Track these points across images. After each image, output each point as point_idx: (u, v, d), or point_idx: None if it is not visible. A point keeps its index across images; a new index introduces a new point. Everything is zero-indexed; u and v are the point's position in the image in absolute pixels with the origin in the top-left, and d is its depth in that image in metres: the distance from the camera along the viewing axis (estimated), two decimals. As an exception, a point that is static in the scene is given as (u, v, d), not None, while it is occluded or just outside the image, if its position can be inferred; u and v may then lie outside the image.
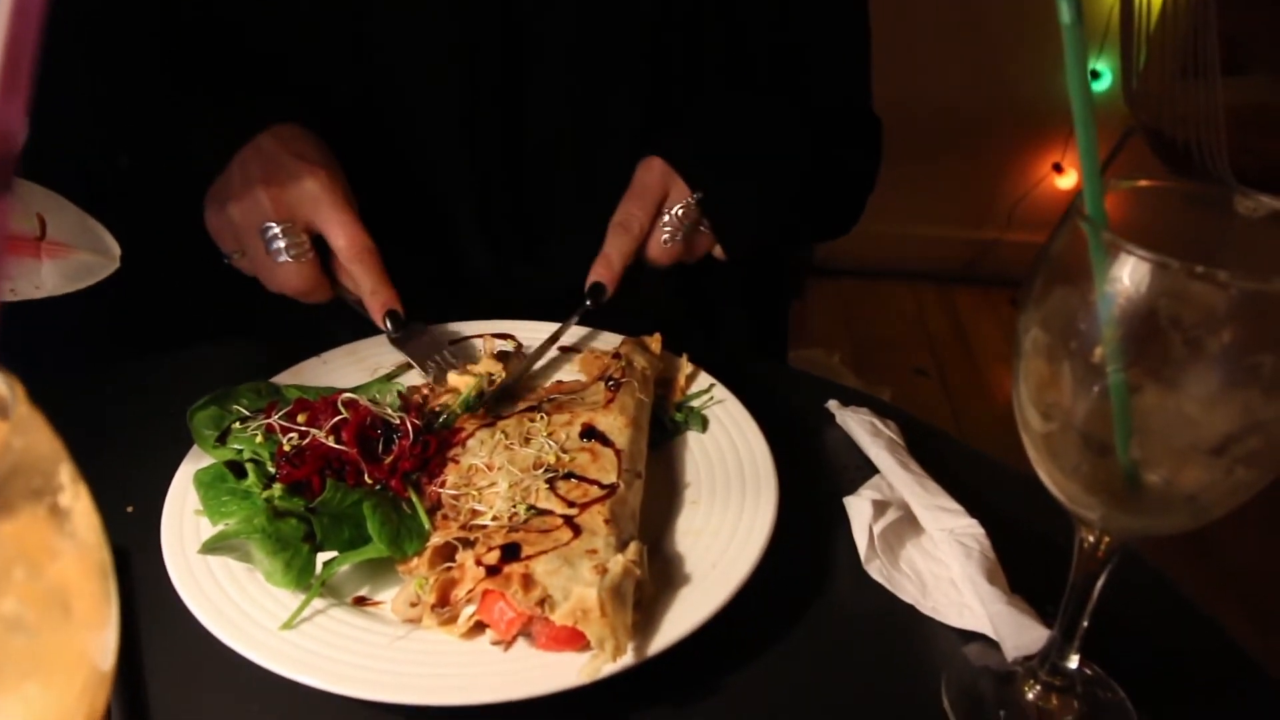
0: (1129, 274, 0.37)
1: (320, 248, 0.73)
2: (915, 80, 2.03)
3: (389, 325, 0.72)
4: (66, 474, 0.26)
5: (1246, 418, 0.40)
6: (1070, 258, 0.40)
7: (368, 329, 0.75)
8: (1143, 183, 0.42)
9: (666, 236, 0.79)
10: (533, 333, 0.75)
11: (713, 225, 0.81)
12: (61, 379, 0.76)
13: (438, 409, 0.64)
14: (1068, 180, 2.62)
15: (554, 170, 0.86)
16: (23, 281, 0.52)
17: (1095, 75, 2.47)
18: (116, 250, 0.56)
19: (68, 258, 0.53)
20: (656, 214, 0.80)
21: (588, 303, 0.76)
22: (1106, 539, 0.45)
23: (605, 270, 0.77)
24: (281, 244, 0.71)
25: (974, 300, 2.74)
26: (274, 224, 0.71)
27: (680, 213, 0.79)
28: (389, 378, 0.71)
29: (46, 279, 0.52)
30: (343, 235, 0.71)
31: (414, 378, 0.71)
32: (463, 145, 0.83)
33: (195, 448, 0.61)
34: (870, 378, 2.34)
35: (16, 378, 0.26)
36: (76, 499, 0.26)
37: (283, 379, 0.69)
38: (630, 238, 0.78)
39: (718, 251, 0.83)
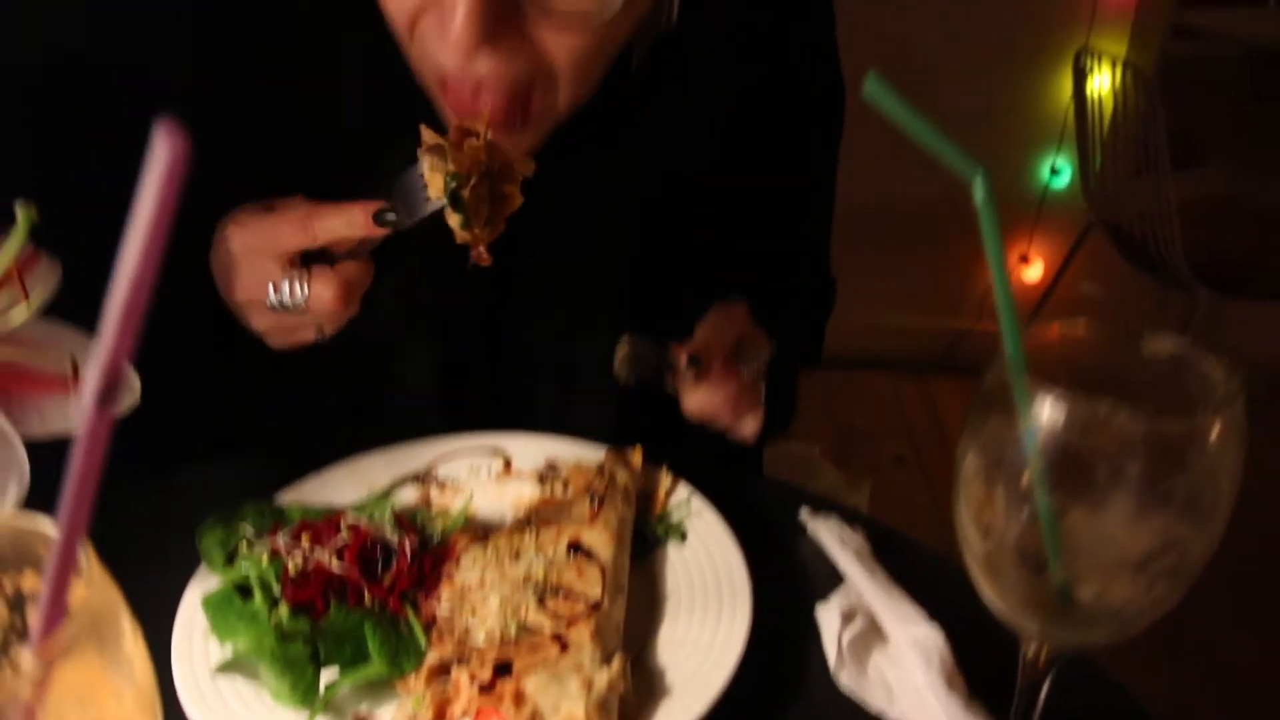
0: (1047, 412, 0.43)
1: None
2: (886, 178, 2.12)
3: (386, 219, 0.69)
4: (127, 623, 0.31)
5: (1164, 537, 0.45)
6: (999, 394, 0.46)
7: (359, 444, 0.79)
8: (1057, 328, 0.47)
9: (746, 371, 0.75)
10: (523, 445, 0.80)
11: (767, 389, 0.78)
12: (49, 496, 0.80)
13: (430, 530, 0.68)
14: (1035, 271, 2.71)
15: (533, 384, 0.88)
16: (53, 418, 0.56)
17: (1055, 172, 2.58)
18: (137, 384, 0.60)
19: (93, 397, 0.58)
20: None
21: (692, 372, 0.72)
22: (1046, 649, 0.49)
23: (705, 349, 0.73)
24: (290, 293, 0.69)
25: (949, 388, 2.81)
26: (271, 287, 0.69)
27: (759, 364, 0.77)
28: (385, 494, 0.75)
29: (76, 416, 0.57)
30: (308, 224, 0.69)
31: (408, 494, 0.75)
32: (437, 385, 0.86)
33: (202, 566, 0.65)
34: (852, 468, 2.38)
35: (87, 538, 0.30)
36: (135, 644, 0.31)
37: (285, 497, 0.73)
38: (728, 338, 0.75)
39: (747, 427, 0.78)
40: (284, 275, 0.69)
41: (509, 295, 0.85)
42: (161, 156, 0.19)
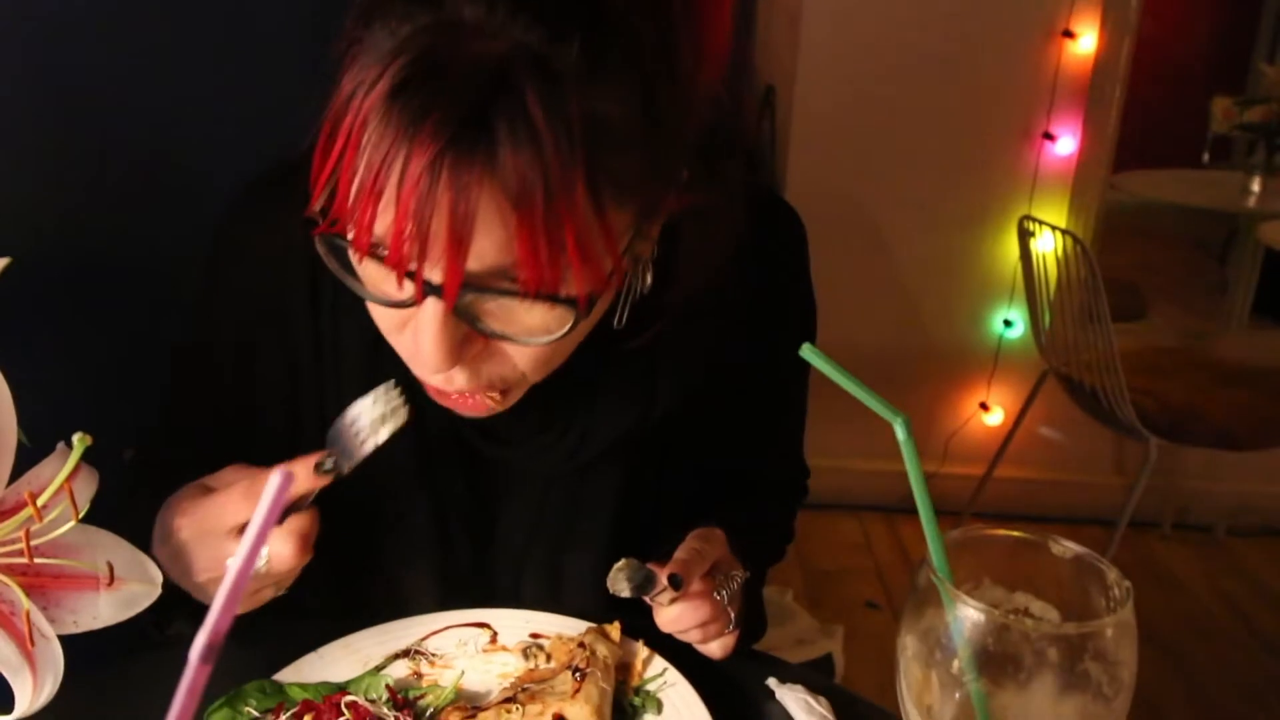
0: (969, 614, 0.50)
1: None
2: (850, 328, 2.20)
3: (326, 469, 0.70)
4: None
5: (1081, 715, 0.52)
6: (930, 592, 0.53)
7: (352, 623, 0.83)
8: (975, 533, 0.55)
9: (720, 596, 0.78)
10: (508, 619, 0.85)
11: (739, 612, 0.80)
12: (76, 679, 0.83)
13: (423, 705, 0.73)
14: (994, 418, 2.81)
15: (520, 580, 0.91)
16: (84, 614, 0.62)
17: (1009, 324, 2.71)
18: (159, 578, 0.66)
19: (122, 590, 0.63)
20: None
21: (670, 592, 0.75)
22: (984, 818, 0.55)
23: (684, 569, 0.75)
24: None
25: (918, 529, 2.84)
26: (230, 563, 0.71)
27: (734, 588, 0.79)
28: (378, 669, 0.79)
29: (103, 610, 0.62)
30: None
31: (400, 668, 0.80)
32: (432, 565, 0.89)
33: (207, 747, 0.69)
34: (824, 613, 2.41)
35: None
36: (195, 845, 0.36)
37: (285, 676, 0.77)
38: (705, 562, 0.77)
39: (717, 648, 0.80)
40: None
41: (499, 502, 0.89)
42: (275, 491, 0.26)
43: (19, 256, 0.68)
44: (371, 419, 0.72)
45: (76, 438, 0.56)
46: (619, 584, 0.76)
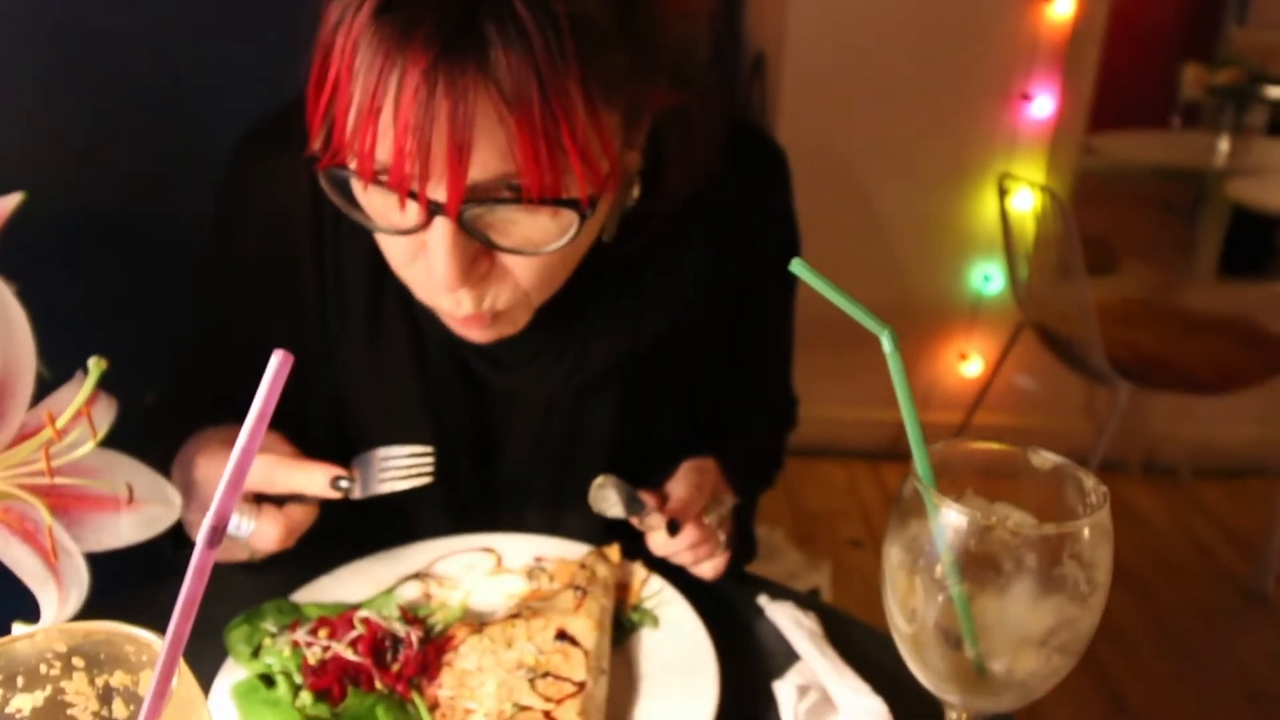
0: (952, 519, 0.49)
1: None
2: (836, 282, 2.21)
3: (340, 487, 0.71)
4: (205, 709, 0.36)
5: (1058, 617, 0.51)
6: (915, 501, 0.52)
7: (365, 547, 0.83)
8: (958, 446, 0.54)
9: (710, 520, 0.78)
10: (513, 543, 0.84)
11: (729, 535, 0.81)
12: (102, 600, 0.83)
13: (432, 622, 0.73)
14: (973, 367, 2.81)
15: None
16: (106, 534, 0.61)
17: (988, 278, 2.70)
18: (178, 500, 0.65)
19: (142, 511, 0.62)
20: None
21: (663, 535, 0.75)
22: (965, 715, 0.55)
23: (681, 513, 0.76)
24: (237, 526, 0.70)
25: (899, 473, 2.85)
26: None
27: (723, 512, 0.80)
28: (389, 590, 0.79)
29: (124, 530, 0.62)
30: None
31: (411, 590, 0.80)
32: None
33: (229, 660, 0.69)
34: (812, 551, 2.42)
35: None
36: (210, 729, 0.36)
37: (301, 596, 0.77)
38: (701, 498, 0.78)
39: (709, 569, 0.80)
40: (235, 509, 0.69)
41: (502, 428, 0.89)
42: (274, 370, 0.25)
43: (43, 198, 0.67)
44: (401, 467, 0.74)
45: (93, 361, 0.55)
46: (601, 502, 0.75)
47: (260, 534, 0.71)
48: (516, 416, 0.88)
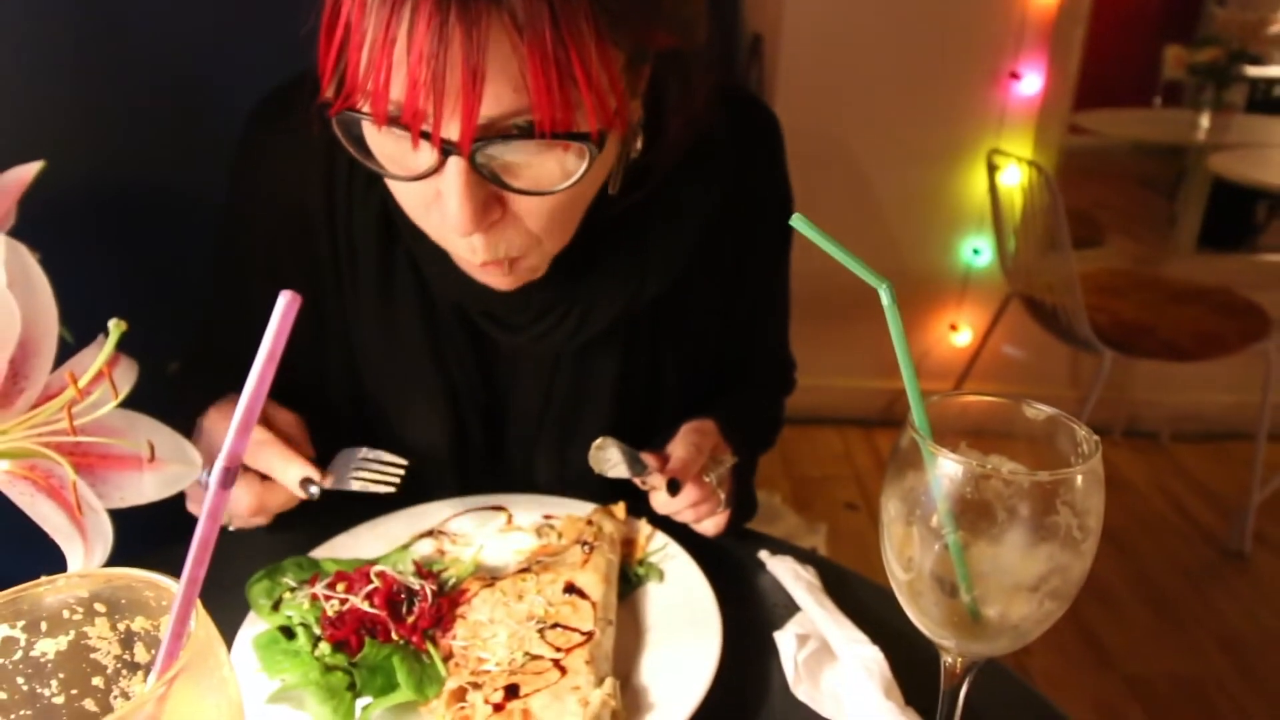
0: (948, 468, 0.48)
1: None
2: (829, 260, 2.20)
3: (309, 491, 0.71)
4: (222, 653, 0.35)
5: (1049, 563, 0.50)
6: (911, 453, 0.51)
7: (381, 506, 0.82)
8: (954, 399, 0.53)
9: (710, 479, 0.77)
10: (522, 502, 0.84)
11: (729, 493, 0.81)
12: (125, 556, 0.82)
13: (446, 576, 0.72)
14: (963, 337, 2.79)
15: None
16: (129, 491, 0.60)
17: (977, 251, 2.68)
18: (199, 459, 0.64)
19: (164, 470, 0.62)
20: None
21: (664, 495, 0.74)
22: (960, 659, 0.54)
23: (681, 473, 0.75)
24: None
25: (892, 439, 2.86)
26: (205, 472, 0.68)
27: (723, 471, 0.79)
28: (404, 547, 0.79)
29: (147, 488, 0.61)
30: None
31: (425, 546, 0.79)
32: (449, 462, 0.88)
33: (250, 613, 0.69)
34: (809, 514, 2.42)
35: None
36: (229, 670, 0.35)
37: (319, 553, 0.76)
38: (701, 458, 0.77)
39: (710, 526, 0.80)
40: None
41: (509, 386, 0.88)
42: (282, 310, 0.24)
43: (69, 171, 0.66)
44: (374, 471, 0.75)
45: (112, 323, 0.54)
46: (602, 463, 0.74)
47: (234, 499, 0.71)
48: (522, 375, 0.87)
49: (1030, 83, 2.48)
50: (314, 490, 0.71)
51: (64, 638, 0.37)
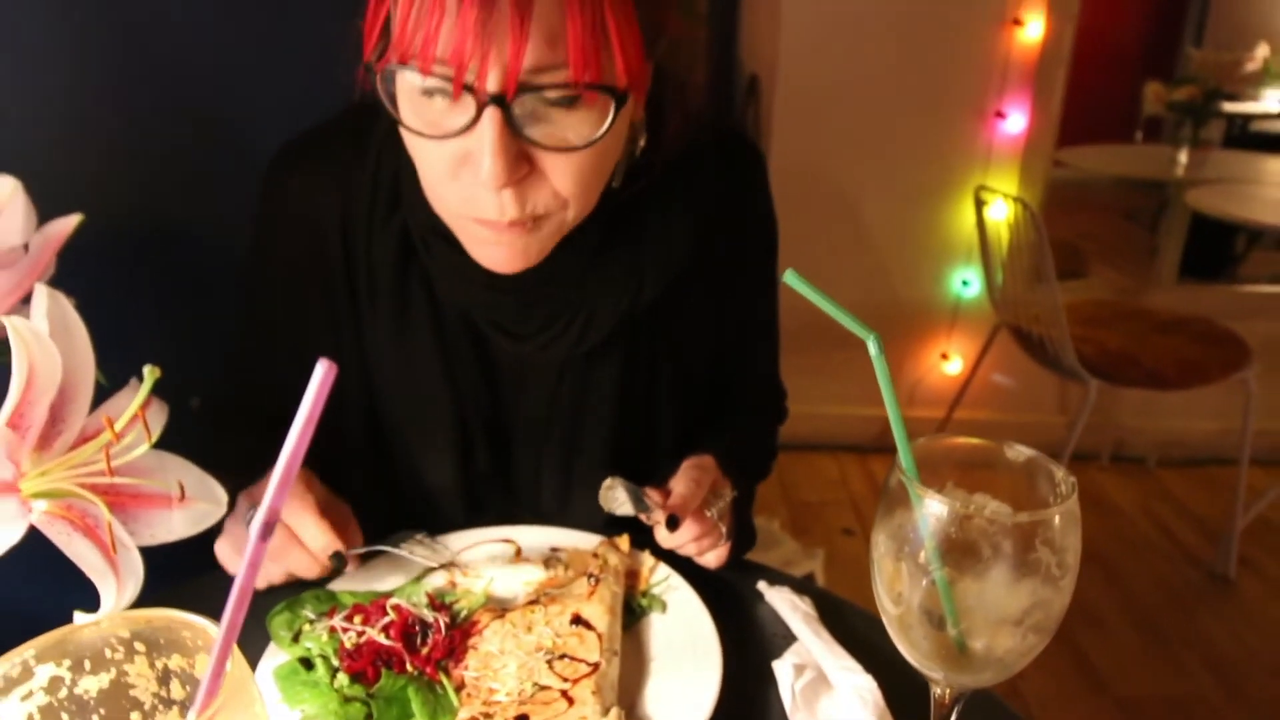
0: (934, 508, 0.49)
1: None
2: (826, 287, 2.19)
3: (335, 566, 0.74)
4: (255, 689, 0.37)
5: (1032, 598, 0.51)
6: (900, 492, 0.52)
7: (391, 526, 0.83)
8: (939, 441, 0.54)
9: (711, 513, 0.79)
10: (530, 535, 0.85)
11: (729, 526, 0.82)
12: (153, 591, 0.84)
13: (458, 609, 0.73)
14: (954, 366, 2.81)
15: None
16: (159, 528, 0.62)
17: (966, 283, 2.70)
18: (225, 498, 0.66)
19: (192, 508, 0.63)
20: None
21: (666, 530, 0.76)
22: (949, 690, 0.55)
23: (682, 508, 0.77)
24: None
25: (886, 464, 2.85)
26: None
27: (723, 505, 0.80)
28: (418, 579, 0.80)
29: (176, 525, 0.62)
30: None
31: (437, 578, 0.80)
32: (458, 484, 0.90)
33: (271, 644, 0.70)
34: (807, 539, 2.42)
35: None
36: (260, 705, 0.36)
37: (337, 585, 0.78)
38: (700, 493, 0.79)
39: (713, 559, 0.82)
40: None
41: (515, 399, 0.89)
42: (320, 378, 0.26)
43: (99, 220, 0.68)
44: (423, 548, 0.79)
45: (147, 369, 0.55)
46: (611, 502, 0.76)
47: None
48: (529, 388, 0.88)
49: (1015, 121, 2.51)
50: (338, 564, 0.74)
51: (105, 675, 0.38)
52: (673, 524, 0.76)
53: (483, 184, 0.64)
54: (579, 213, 0.72)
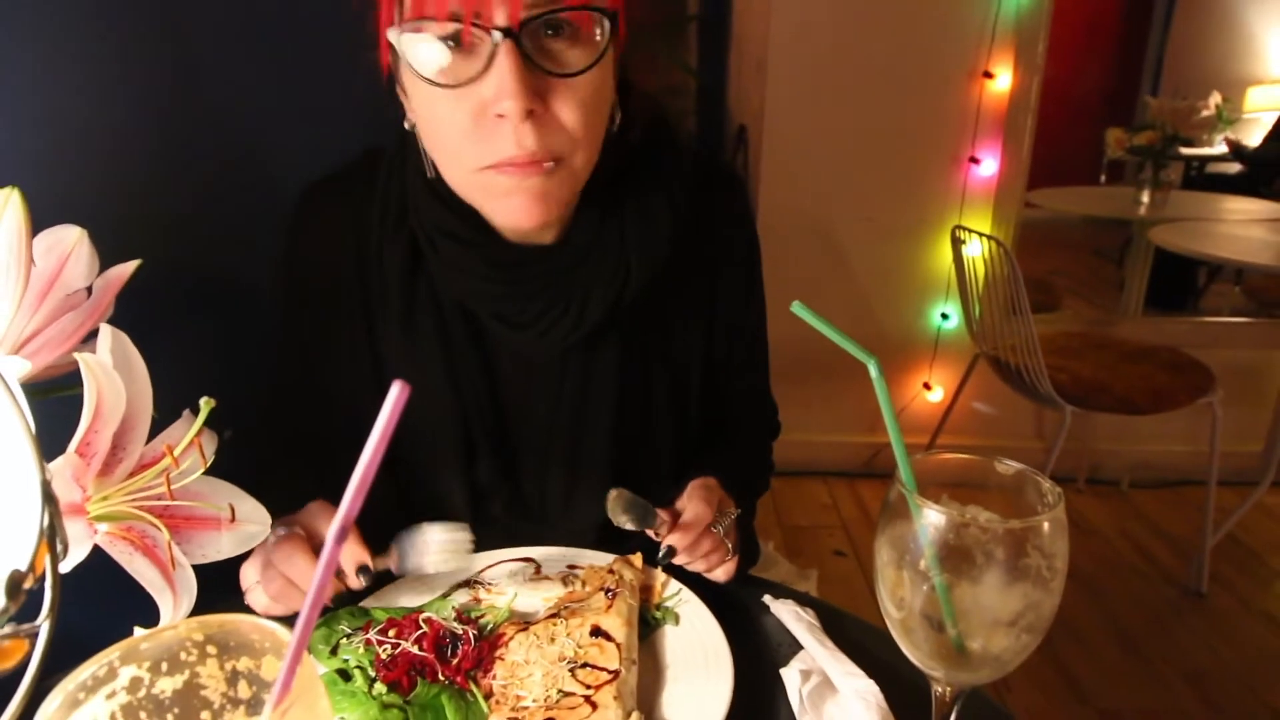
0: (932, 518, 0.51)
1: None
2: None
3: (363, 582, 0.72)
4: (321, 689, 0.38)
5: (1024, 601, 0.53)
6: (900, 506, 0.54)
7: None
8: (935, 457, 0.56)
9: (718, 530, 0.79)
10: (548, 554, 0.86)
11: (735, 542, 0.82)
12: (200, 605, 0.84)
13: (484, 622, 0.74)
14: (936, 395, 2.83)
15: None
16: (210, 548, 0.63)
17: (946, 316, 2.73)
18: (269, 520, 0.67)
19: (240, 529, 0.64)
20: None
21: (661, 558, 0.77)
22: (949, 688, 0.56)
23: (681, 539, 0.77)
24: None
25: (874, 490, 2.88)
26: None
27: (729, 522, 0.81)
28: (445, 596, 0.81)
29: (225, 545, 0.64)
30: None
31: (463, 595, 0.81)
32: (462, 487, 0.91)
33: (309, 658, 0.70)
34: (801, 561, 2.42)
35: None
36: (326, 704, 0.38)
37: (370, 602, 0.79)
38: (706, 518, 0.79)
39: (721, 574, 0.82)
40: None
41: (521, 396, 0.91)
42: (394, 399, 0.28)
43: (146, 261, 0.70)
44: (440, 542, 0.74)
45: (203, 401, 0.57)
46: (618, 516, 0.77)
47: (255, 587, 0.73)
48: (532, 382, 0.90)
49: (988, 165, 2.56)
50: (366, 580, 0.72)
51: (179, 677, 0.40)
52: (670, 554, 0.77)
53: (505, 113, 0.67)
54: (586, 158, 0.75)
